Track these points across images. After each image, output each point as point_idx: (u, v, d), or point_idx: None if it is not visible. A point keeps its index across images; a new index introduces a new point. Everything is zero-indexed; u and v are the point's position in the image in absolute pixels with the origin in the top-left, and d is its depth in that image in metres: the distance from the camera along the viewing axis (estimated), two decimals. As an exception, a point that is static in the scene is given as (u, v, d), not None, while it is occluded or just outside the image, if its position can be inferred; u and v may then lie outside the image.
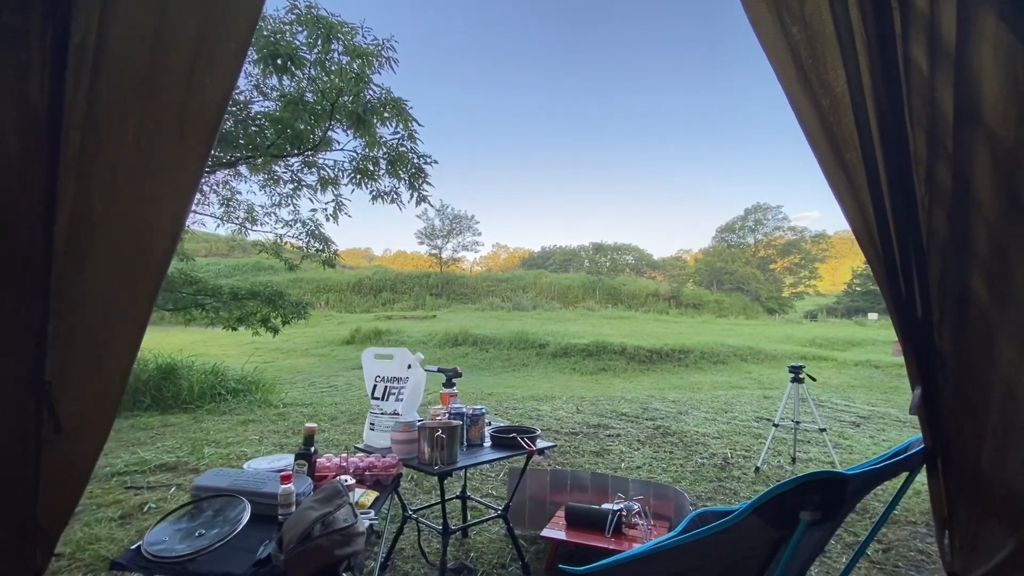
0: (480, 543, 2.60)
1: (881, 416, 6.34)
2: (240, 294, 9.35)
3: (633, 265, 53.15)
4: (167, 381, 5.91)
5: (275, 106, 6.39)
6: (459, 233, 40.56)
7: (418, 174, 5.82)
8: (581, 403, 6.56)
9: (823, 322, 36.23)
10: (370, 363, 2.44)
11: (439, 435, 1.93)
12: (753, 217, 50.92)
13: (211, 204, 9.13)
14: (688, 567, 1.36)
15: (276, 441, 4.36)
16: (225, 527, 1.43)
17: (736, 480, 3.71)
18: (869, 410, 6.82)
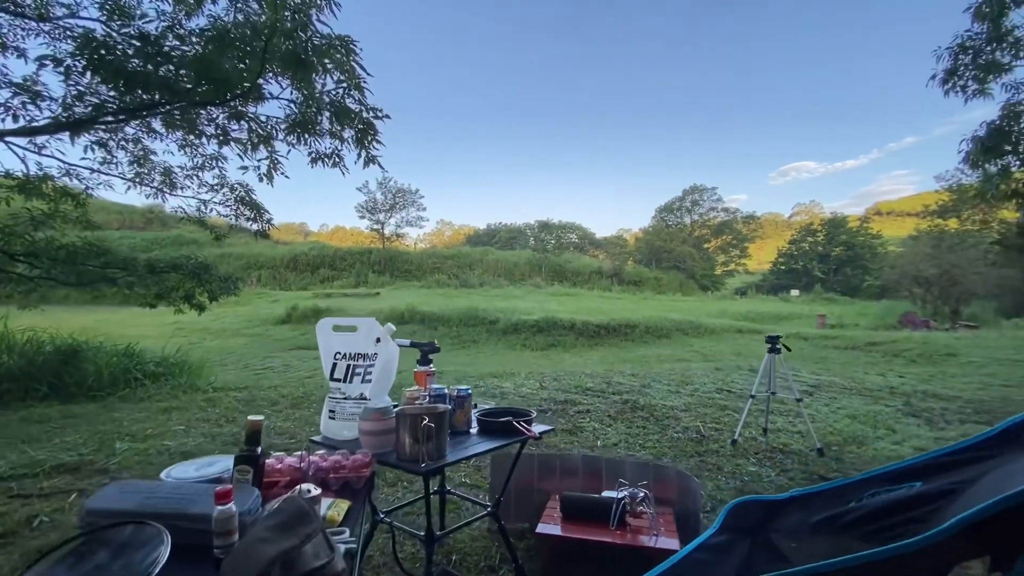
0: (461, 542, 2.26)
1: (828, 384, 6.57)
2: (159, 267, 8.26)
3: (577, 243, 53.83)
4: (68, 365, 5.04)
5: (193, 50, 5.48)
6: (402, 208, 39.11)
7: (367, 130, 5.19)
8: (543, 379, 6.33)
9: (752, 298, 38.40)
10: (327, 337, 1.99)
11: (426, 424, 1.54)
12: (690, 198, 52.82)
13: (119, 164, 7.94)
14: None
15: (206, 431, 3.77)
16: (135, 572, 0.98)
17: (715, 454, 3.59)
18: (815, 379, 7.07)
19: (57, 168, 7.85)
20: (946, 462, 1.24)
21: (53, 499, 2.58)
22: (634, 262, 47.13)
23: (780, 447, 3.80)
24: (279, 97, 5.44)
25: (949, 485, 1.15)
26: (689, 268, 44.74)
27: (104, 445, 3.37)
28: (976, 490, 1.06)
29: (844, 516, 1.30)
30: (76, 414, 4.28)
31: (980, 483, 1.10)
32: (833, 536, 1.30)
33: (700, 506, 2.23)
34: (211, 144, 6.76)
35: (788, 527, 1.44)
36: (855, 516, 1.27)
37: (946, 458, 1.25)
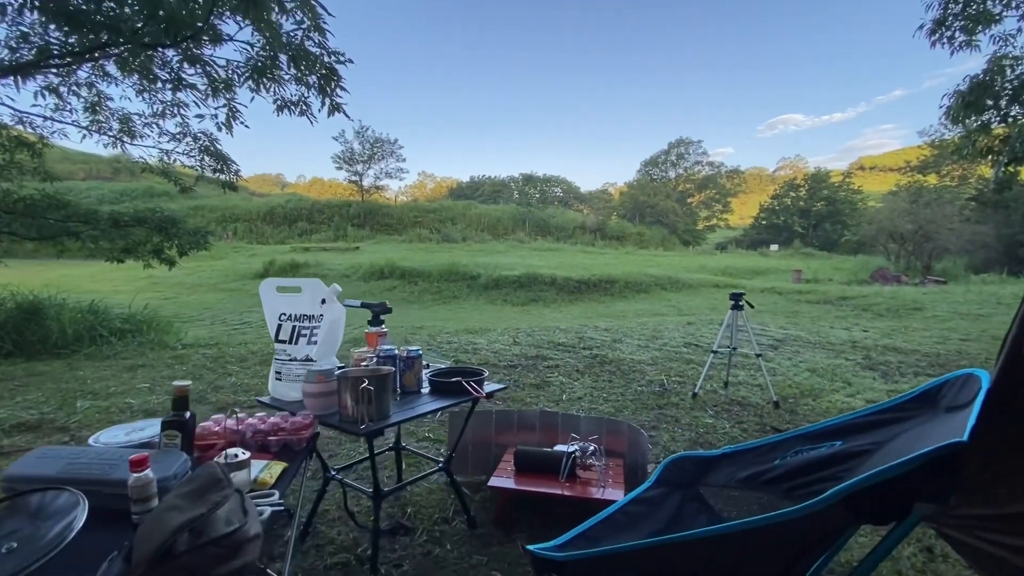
0: (418, 495, 2.32)
1: (794, 339, 6.76)
2: (123, 220, 7.96)
3: (562, 198, 53.34)
4: (30, 323, 4.92)
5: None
6: (381, 158, 37.97)
7: (330, 76, 4.92)
8: (517, 334, 6.39)
9: (732, 253, 38.85)
10: (271, 298, 1.94)
11: (365, 386, 1.53)
12: (676, 151, 52.20)
13: (73, 111, 7.48)
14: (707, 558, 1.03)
15: (170, 389, 3.74)
16: (46, 537, 0.98)
17: (675, 407, 3.70)
18: (783, 333, 7.26)
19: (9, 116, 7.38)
20: (868, 422, 1.28)
21: (12, 457, 2.57)
22: (618, 217, 47.02)
23: (739, 400, 3.93)
24: (235, 39, 5.09)
25: (867, 445, 1.19)
26: (672, 223, 44.83)
27: (66, 403, 3.34)
28: (886, 451, 1.09)
29: (769, 472, 1.35)
30: (40, 372, 4.22)
31: (891, 444, 1.14)
32: (757, 491, 1.36)
33: (648, 458, 2.31)
34: (167, 90, 6.37)
35: (718, 482, 1.50)
36: (778, 473, 1.32)
37: (869, 418, 1.29)
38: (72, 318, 5.15)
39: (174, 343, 5.43)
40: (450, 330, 6.97)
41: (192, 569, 0.86)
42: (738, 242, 47.20)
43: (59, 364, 4.50)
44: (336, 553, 1.89)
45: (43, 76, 6.30)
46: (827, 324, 8.45)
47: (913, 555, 1.92)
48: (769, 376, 4.15)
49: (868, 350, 5.91)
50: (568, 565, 1.09)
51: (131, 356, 4.82)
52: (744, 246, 44.96)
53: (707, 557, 1.04)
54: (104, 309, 5.72)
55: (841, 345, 6.24)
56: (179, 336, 5.74)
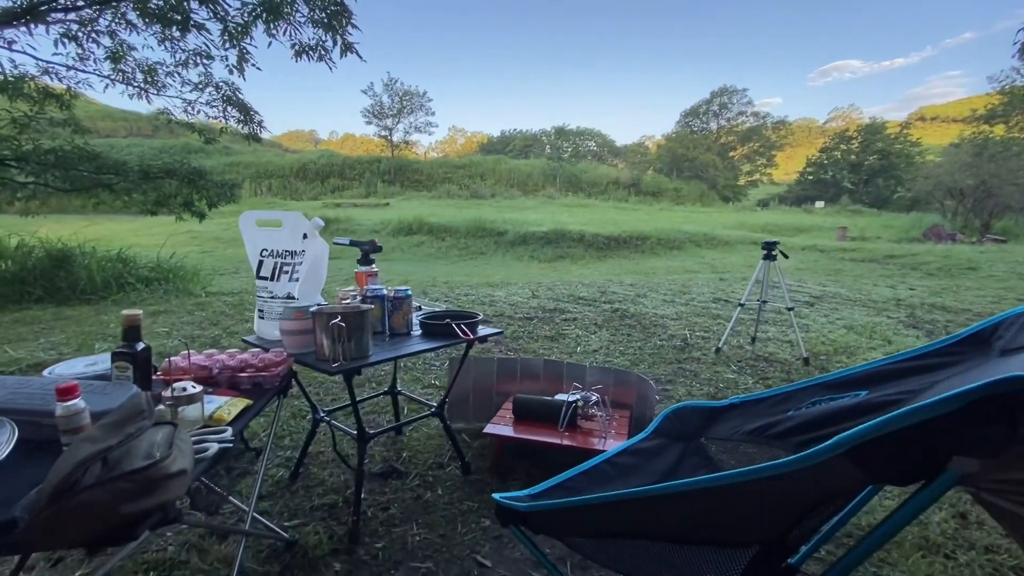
0: (416, 440, 2.26)
1: (832, 296, 6.36)
2: (153, 173, 8.07)
3: (595, 152, 51.63)
4: (60, 270, 5.07)
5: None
6: (411, 112, 37.35)
7: (339, 12, 4.67)
8: (537, 288, 6.24)
9: (774, 210, 37.07)
10: (251, 232, 1.83)
11: (337, 322, 1.42)
12: (718, 101, 49.29)
13: (96, 60, 7.47)
14: (694, 514, 0.88)
15: (188, 333, 3.80)
16: (-32, 466, 0.91)
17: (696, 362, 3.51)
18: (820, 290, 6.85)
19: (34, 66, 7.44)
20: (900, 368, 1.08)
21: (26, 394, 2.64)
22: (654, 171, 45.32)
23: (766, 356, 3.71)
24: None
25: (894, 395, 1.00)
26: (711, 178, 42.92)
27: (85, 345, 3.43)
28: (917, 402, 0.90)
29: (779, 424, 1.18)
30: (67, 316, 4.36)
31: (927, 394, 0.94)
32: (764, 445, 1.19)
33: (654, 409, 2.16)
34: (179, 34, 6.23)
35: (722, 434, 1.33)
36: (789, 425, 1.14)
37: (902, 364, 1.09)
38: (101, 266, 5.29)
39: (198, 291, 5.53)
40: (471, 283, 6.88)
41: (95, 504, 0.77)
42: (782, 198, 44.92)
43: (87, 309, 4.64)
44: (324, 495, 1.85)
45: (61, 24, 6.26)
46: (870, 282, 7.94)
47: (944, 521, 1.73)
48: (801, 332, 3.89)
49: (913, 308, 5.50)
50: (534, 516, 0.97)
51: (156, 303, 4.93)
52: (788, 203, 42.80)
53: (694, 513, 0.89)
54: (133, 258, 5.86)
55: (884, 303, 5.83)
56: (204, 285, 5.85)
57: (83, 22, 6.83)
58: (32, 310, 4.54)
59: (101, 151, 8.28)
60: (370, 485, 1.91)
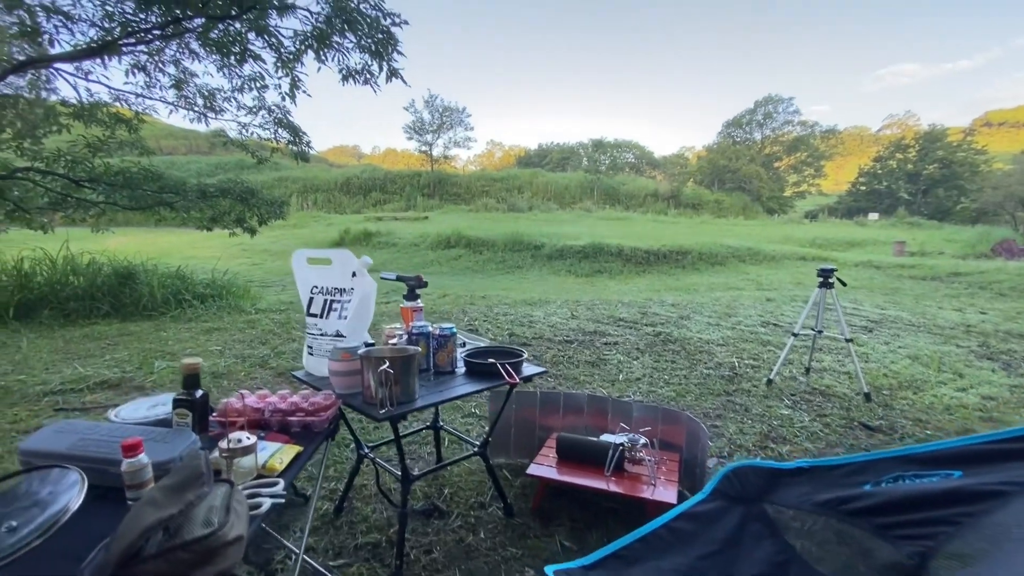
0: (456, 476, 2.24)
1: (893, 320, 5.99)
2: (209, 192, 8.53)
3: (633, 164, 51.07)
4: (125, 286, 5.38)
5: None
6: (450, 128, 38.09)
7: (386, 40, 4.81)
8: (576, 308, 6.16)
9: (823, 222, 35.57)
10: (303, 269, 1.87)
11: (385, 368, 1.41)
12: (762, 110, 47.91)
13: (162, 88, 7.98)
14: None
15: (239, 353, 3.94)
16: (42, 518, 0.95)
17: (746, 394, 3.36)
18: (879, 313, 6.47)
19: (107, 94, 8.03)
20: (1002, 450, 0.97)
21: (92, 413, 2.78)
22: (694, 183, 44.40)
23: (822, 389, 3.50)
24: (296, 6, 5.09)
25: (998, 483, 0.90)
26: (755, 189, 41.65)
27: (145, 363, 3.60)
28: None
29: (856, 500, 1.08)
30: (131, 332, 4.60)
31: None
32: (840, 521, 1.10)
33: (708, 455, 2.06)
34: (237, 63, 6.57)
35: (789, 501, 1.24)
36: (868, 503, 1.05)
37: (1004, 445, 0.98)
38: (161, 283, 5.58)
39: (248, 307, 5.75)
40: (509, 301, 6.87)
41: (157, 574, 0.77)
42: (831, 210, 43.10)
43: (148, 325, 4.89)
44: (368, 532, 1.85)
45: (132, 55, 6.71)
46: (934, 304, 7.45)
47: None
48: (861, 363, 3.66)
49: (986, 336, 5.10)
50: (591, 598, 0.92)
51: (210, 319, 5.15)
52: (838, 215, 41.02)
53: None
54: (190, 274, 6.16)
55: (951, 329, 5.44)
56: (254, 302, 6.08)
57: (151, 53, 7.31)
58: (99, 325, 4.82)
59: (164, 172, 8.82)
60: (412, 524, 1.89)
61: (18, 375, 3.37)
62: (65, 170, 7.82)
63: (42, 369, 3.52)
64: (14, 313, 4.88)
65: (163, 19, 5.26)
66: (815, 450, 2.61)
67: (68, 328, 4.72)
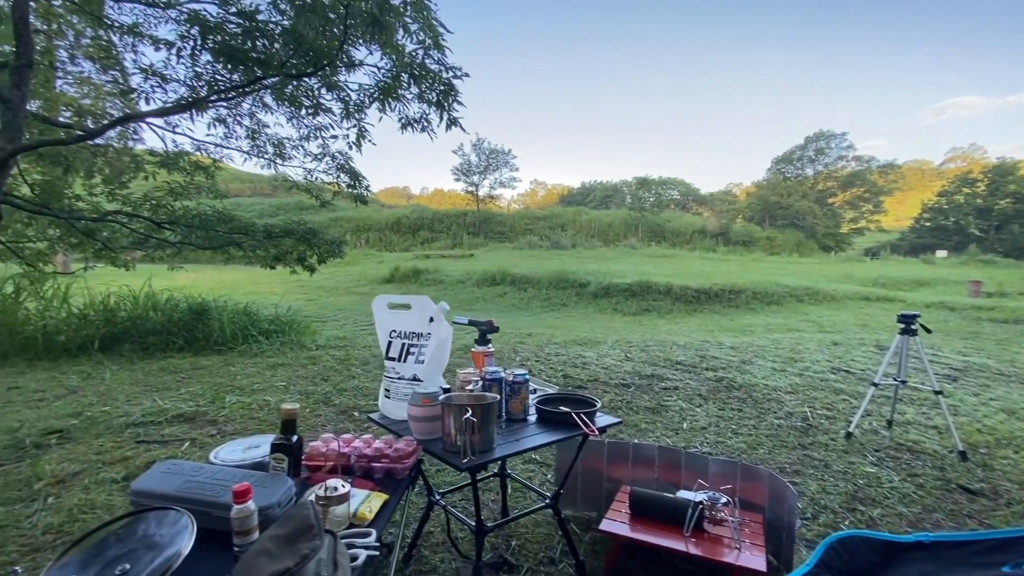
0: (523, 527, 2.18)
1: (979, 368, 5.52)
2: (275, 232, 9.08)
3: (679, 200, 50.63)
4: (198, 322, 5.72)
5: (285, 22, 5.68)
6: (495, 169, 39.24)
7: (448, 92, 5.06)
8: (629, 348, 6.02)
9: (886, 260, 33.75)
10: (383, 314, 1.93)
11: (469, 417, 1.42)
12: (814, 146, 46.76)
13: (237, 138, 8.68)
14: None
15: (302, 389, 4.06)
16: (155, 563, 0.98)
17: (823, 448, 3.14)
18: (962, 360, 5.98)
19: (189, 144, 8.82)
20: None
21: (170, 446, 2.92)
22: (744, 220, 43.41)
23: (908, 445, 3.23)
24: (364, 63, 5.48)
25: None
26: (809, 226, 40.23)
27: (217, 397, 3.76)
28: None
29: (996, 584, 0.97)
30: (202, 366, 4.86)
31: None
32: (976, 607, 0.98)
33: (796, 517, 1.92)
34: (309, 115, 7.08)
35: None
36: (1014, 589, 0.94)
37: None
38: (231, 319, 5.90)
39: (310, 343, 5.96)
40: (559, 340, 6.81)
41: (275, 632, 0.78)
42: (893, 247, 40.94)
43: (217, 359, 5.15)
44: (438, 583, 1.81)
45: (214, 109, 7.37)
46: (1022, 350, 6.83)
47: None
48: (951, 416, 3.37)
49: (1094, 389, 4.60)
50: None
51: (274, 355, 5.37)
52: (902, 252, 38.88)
53: None
54: (256, 311, 6.48)
55: (1051, 380, 4.95)
56: (314, 338, 6.30)
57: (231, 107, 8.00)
58: (174, 358, 5.12)
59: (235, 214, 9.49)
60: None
61: (103, 406, 3.60)
62: (149, 213, 8.56)
63: (124, 400, 3.75)
64: (99, 345, 5.25)
65: (245, 78, 5.77)
66: (910, 515, 2.39)
67: (146, 361, 5.02)
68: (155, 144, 9.14)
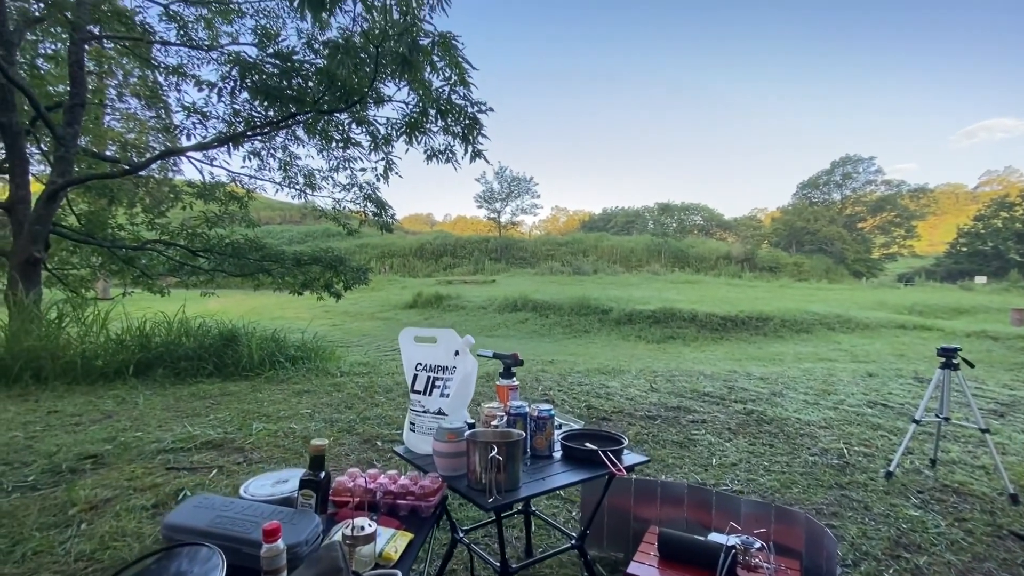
0: (548, 568, 2.12)
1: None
2: (303, 260, 9.35)
3: (702, 226, 50.25)
4: (228, 348, 5.86)
5: (319, 62, 5.97)
6: (517, 196, 39.79)
7: (472, 125, 5.20)
8: (654, 379, 5.91)
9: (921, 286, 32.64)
10: (409, 347, 1.95)
11: (494, 456, 1.41)
12: (840, 171, 46.12)
13: (270, 170, 9.05)
14: None
15: (327, 417, 4.09)
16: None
17: (862, 488, 2.99)
18: (1008, 395, 5.68)
19: (225, 176, 9.22)
20: None
21: (198, 473, 2.96)
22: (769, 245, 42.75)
23: (954, 486, 3.06)
24: (393, 99, 5.70)
25: None
26: (838, 251, 39.34)
27: (244, 424, 3.82)
28: None
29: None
30: (231, 392, 4.95)
31: None
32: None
33: (836, 565, 1.82)
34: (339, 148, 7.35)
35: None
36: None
37: None
38: (259, 345, 6.02)
39: (334, 370, 6.03)
40: (581, 369, 6.73)
41: None
42: (928, 273, 39.60)
43: (245, 385, 5.24)
44: (461, 625, 1.77)
45: (249, 143, 7.72)
46: (1078, 385, 6.45)
47: None
48: (999, 456, 3.18)
49: None
50: None
51: (300, 381, 5.44)
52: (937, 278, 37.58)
53: None
54: (283, 337, 6.60)
55: (1109, 417, 4.65)
56: (338, 364, 6.37)
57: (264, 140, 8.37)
58: (204, 384, 5.23)
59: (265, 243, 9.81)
60: (506, 619, 1.79)
61: (136, 431, 3.68)
62: (185, 241, 8.92)
63: (156, 426, 3.83)
64: (134, 370, 5.41)
65: (280, 114, 6.06)
66: (960, 564, 2.25)
67: (178, 386, 5.15)
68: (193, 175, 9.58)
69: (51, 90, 8.46)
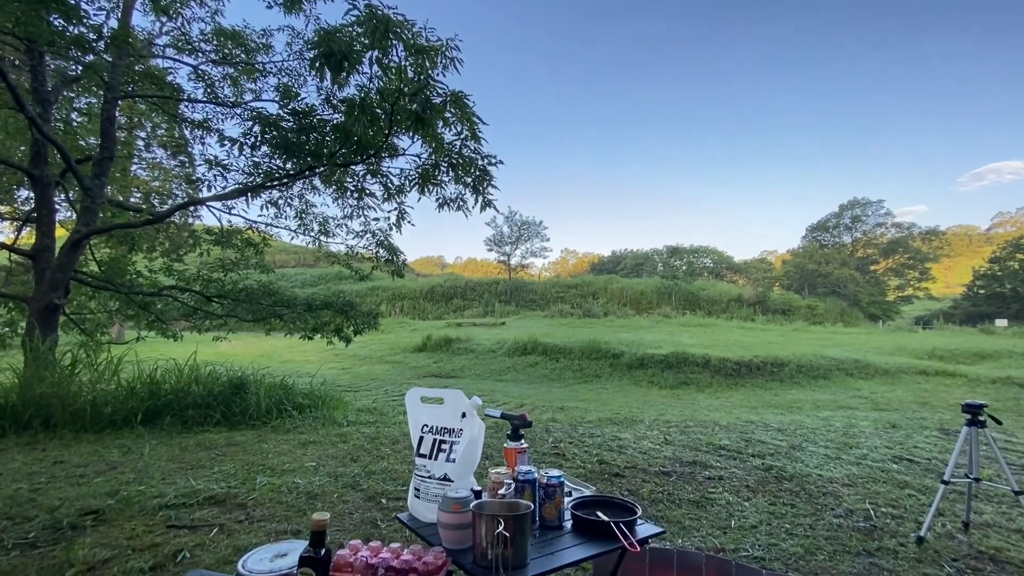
0: (558, 645, 1.99)
1: (1064, 459, 4.98)
2: (314, 305, 9.45)
3: (712, 268, 50.14)
4: (236, 396, 5.84)
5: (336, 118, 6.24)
6: (527, 239, 40.25)
7: (483, 177, 5.34)
8: (668, 430, 5.75)
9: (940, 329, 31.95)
10: (416, 408, 1.92)
11: (501, 531, 1.35)
12: (849, 214, 46.22)
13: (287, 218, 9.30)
14: None
15: (332, 470, 4.01)
16: None
17: (892, 555, 2.82)
18: (1042, 449, 5.42)
19: (242, 223, 9.48)
20: None
21: (199, 532, 2.88)
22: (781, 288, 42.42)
23: (991, 553, 2.88)
24: (406, 153, 5.90)
25: None
26: (852, 294, 38.86)
27: (248, 478, 3.75)
28: None
29: None
30: (237, 442, 4.89)
31: None
32: None
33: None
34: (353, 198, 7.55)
35: None
36: None
37: None
38: (267, 392, 6.00)
39: (341, 419, 5.96)
40: (592, 419, 6.58)
41: None
42: (946, 316, 38.83)
43: (252, 435, 5.18)
44: None
45: (267, 193, 7.97)
46: (1115, 438, 6.15)
47: None
48: (1038, 521, 3.01)
49: None
50: None
51: (306, 431, 5.37)
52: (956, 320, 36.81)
53: None
54: (292, 384, 6.58)
55: None
56: (345, 413, 6.30)
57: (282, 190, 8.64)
58: (210, 433, 5.18)
59: (278, 288, 9.95)
60: None
61: (139, 484, 3.63)
62: (200, 287, 9.09)
63: (159, 479, 3.77)
64: (142, 418, 5.39)
65: (298, 167, 6.28)
66: (1005, 646, 2.08)
67: (184, 435, 5.10)
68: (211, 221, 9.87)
69: (82, 143, 8.90)
